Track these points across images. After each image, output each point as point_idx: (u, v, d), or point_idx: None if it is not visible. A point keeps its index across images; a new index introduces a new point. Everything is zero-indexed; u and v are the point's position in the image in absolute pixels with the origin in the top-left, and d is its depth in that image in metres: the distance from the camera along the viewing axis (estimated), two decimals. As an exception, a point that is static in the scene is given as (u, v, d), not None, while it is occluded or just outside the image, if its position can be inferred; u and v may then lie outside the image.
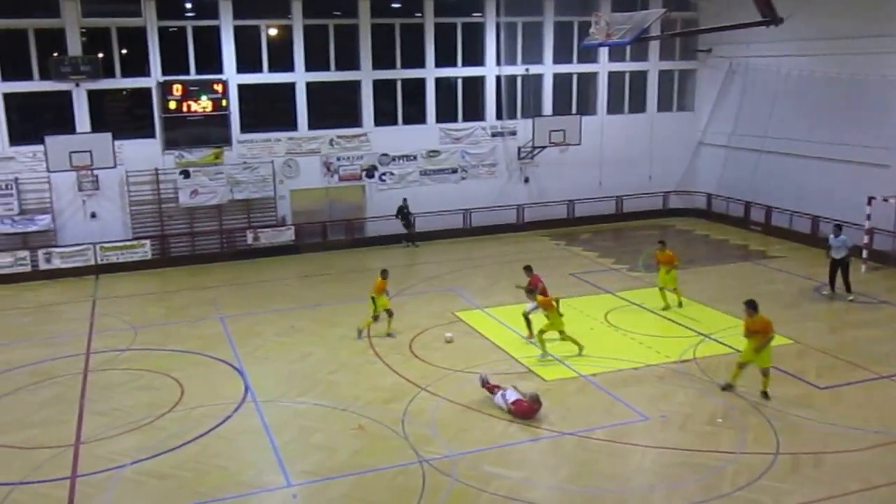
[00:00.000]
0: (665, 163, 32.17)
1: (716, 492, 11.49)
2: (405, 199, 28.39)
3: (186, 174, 26.29)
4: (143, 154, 26.05)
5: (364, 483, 11.98)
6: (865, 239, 22.89)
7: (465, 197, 29.79)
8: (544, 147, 29.34)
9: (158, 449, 13.16)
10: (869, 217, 22.65)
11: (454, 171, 29.87)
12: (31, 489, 12.03)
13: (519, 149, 30.33)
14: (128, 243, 25.95)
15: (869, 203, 22.45)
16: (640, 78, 31.94)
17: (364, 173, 28.81)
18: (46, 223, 25.19)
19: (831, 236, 20.67)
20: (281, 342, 18.45)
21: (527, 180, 30.83)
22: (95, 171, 24.89)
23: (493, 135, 30.19)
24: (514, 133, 30.34)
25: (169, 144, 26.43)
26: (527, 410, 13.78)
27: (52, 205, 25.30)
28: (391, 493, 11.70)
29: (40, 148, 23.85)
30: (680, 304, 19.93)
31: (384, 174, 29.04)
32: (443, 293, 22.07)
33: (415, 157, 29.29)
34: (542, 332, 16.75)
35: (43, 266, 24.92)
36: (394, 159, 29.03)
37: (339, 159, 28.35)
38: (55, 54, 24.78)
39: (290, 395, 15.35)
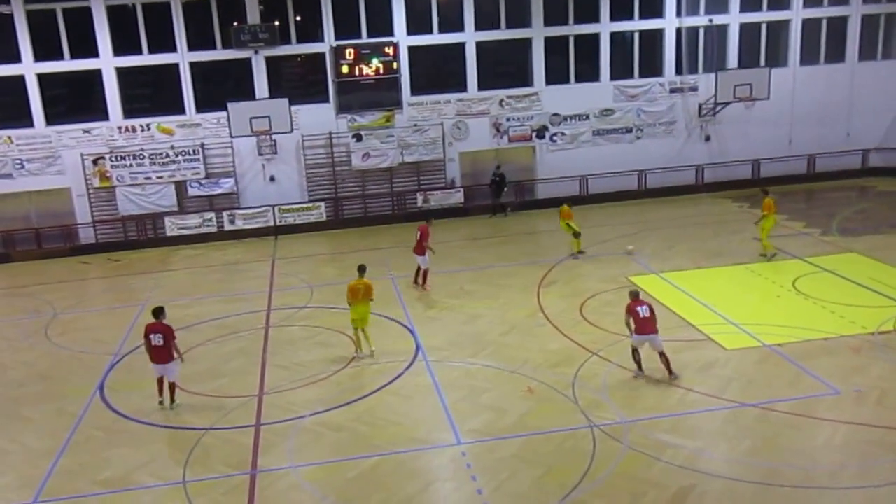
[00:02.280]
0: (866, 117, 29.24)
1: (920, 476, 10.29)
2: (499, 166, 27.62)
3: (359, 137, 26.97)
4: (318, 118, 26.95)
5: (533, 445, 11.75)
6: None
7: (639, 157, 28.58)
8: (728, 103, 27.45)
9: (335, 402, 13.60)
10: None
11: (629, 130, 28.68)
12: (220, 434, 12.79)
13: (700, 105, 28.60)
14: (304, 205, 27.08)
15: None
16: (839, 24, 29.03)
17: (534, 134, 28.31)
18: (230, 186, 26.78)
19: None
20: (451, 303, 18.51)
21: (708, 139, 29.06)
22: (274, 136, 26.07)
23: (672, 91, 28.64)
24: (694, 89, 28.65)
25: (342, 108, 27.19)
26: None
27: (234, 168, 26.83)
28: (560, 456, 11.40)
29: (223, 114, 25.24)
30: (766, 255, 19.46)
31: (555, 135, 28.38)
32: (616, 257, 21.25)
33: (587, 117, 28.39)
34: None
35: (227, 227, 26.59)
36: (565, 119, 28.28)
37: (508, 120, 28.02)
38: (235, 23, 26.04)
39: (460, 355, 15.35)
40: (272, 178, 27.19)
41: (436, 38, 27.44)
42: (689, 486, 10.35)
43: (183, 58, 26.12)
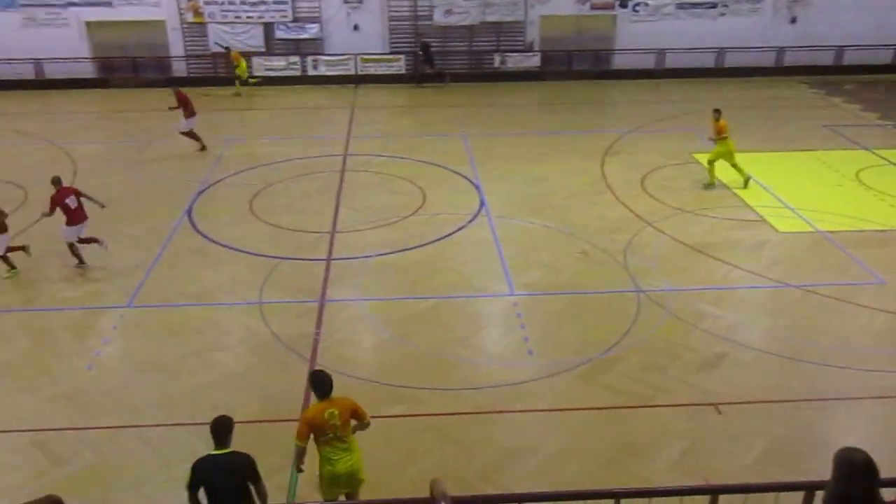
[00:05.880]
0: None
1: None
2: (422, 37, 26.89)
3: (443, -8, 26.75)
4: (404, -31, 26.75)
5: (581, 302, 12.58)
6: None
7: (721, 35, 27.70)
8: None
9: (400, 246, 14.58)
10: None
11: (713, 5, 27.65)
12: (294, 263, 13.99)
13: (792, -17, 27.26)
14: (385, 56, 27.36)
15: None
16: None
17: (618, 2, 27.54)
18: (315, 31, 27.16)
19: None
20: (517, 164, 19.06)
21: (794, 20, 27.82)
22: (361, -17, 26.12)
23: (765, -35, 27.26)
24: (789, -36, 27.20)
25: (429, -40, 26.87)
26: None
27: (320, 14, 27.08)
28: (606, 314, 12.19)
29: (314, -44, 25.29)
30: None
31: (638, 5, 27.59)
32: (682, 133, 21.27)
33: (674, -11, 27.44)
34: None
35: (311, 72, 27.20)
36: (652, -11, 27.42)
37: (595, -16, 27.30)
38: None
39: (522, 214, 16.06)
40: (356, 27, 27.41)
41: None
42: (722, 354, 11.01)
43: None
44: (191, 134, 20.01)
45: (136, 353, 11.30)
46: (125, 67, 27.28)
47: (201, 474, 6.40)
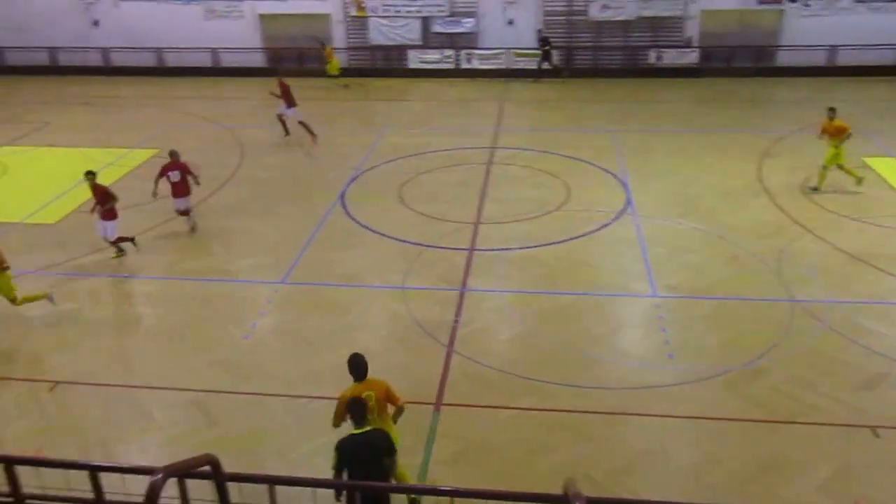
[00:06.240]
0: None
1: None
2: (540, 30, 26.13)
3: (599, -14, 26.35)
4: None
5: (728, 308, 12.09)
6: None
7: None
8: None
9: (542, 240, 14.57)
10: None
11: (895, -1, 25.55)
12: (437, 252, 14.28)
13: None
14: (537, 51, 27.29)
15: None
16: None
17: (788, -4, 26.09)
18: (471, 26, 27.50)
19: None
20: (669, 163, 18.51)
21: None
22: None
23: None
24: None
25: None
26: None
27: (477, 9, 27.39)
28: (754, 323, 11.67)
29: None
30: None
31: (811, -2, 25.98)
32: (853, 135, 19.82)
33: (854, -20, 25.62)
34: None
35: (464, 65, 27.58)
36: (827, -19, 25.74)
37: (764, -23, 25.97)
38: None
39: (670, 214, 15.61)
40: (510, 22, 27.51)
41: None
42: (882, 374, 10.29)
43: None
44: (303, 123, 20.63)
45: (287, 326, 11.98)
46: (291, 58, 28.77)
47: (346, 454, 6.61)
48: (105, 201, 13.71)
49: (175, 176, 14.87)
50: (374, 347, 11.19)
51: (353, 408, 6.74)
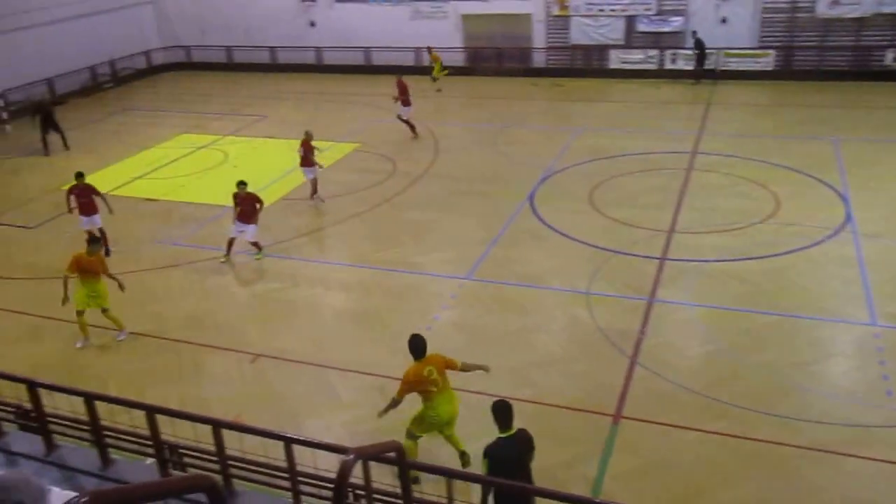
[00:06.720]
0: None
1: None
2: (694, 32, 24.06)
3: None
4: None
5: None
6: None
7: None
8: None
9: (744, 254, 13.49)
10: None
11: None
12: (626, 259, 13.66)
13: None
14: (751, 51, 25.54)
15: None
16: None
17: None
18: (678, 25, 26.23)
19: None
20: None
21: None
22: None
23: None
24: None
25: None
26: None
27: (687, 7, 26.08)
28: None
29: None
30: None
31: None
32: None
33: None
34: None
35: (668, 66, 26.38)
36: None
37: None
38: None
39: (897, 233, 13.94)
40: (724, 20, 25.95)
41: None
42: None
43: None
44: (407, 121, 21.08)
45: (468, 321, 11.94)
46: (490, 57, 28.97)
47: (497, 459, 6.59)
48: (253, 208, 14.19)
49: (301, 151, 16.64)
50: (553, 351, 10.90)
51: (498, 411, 6.84)
